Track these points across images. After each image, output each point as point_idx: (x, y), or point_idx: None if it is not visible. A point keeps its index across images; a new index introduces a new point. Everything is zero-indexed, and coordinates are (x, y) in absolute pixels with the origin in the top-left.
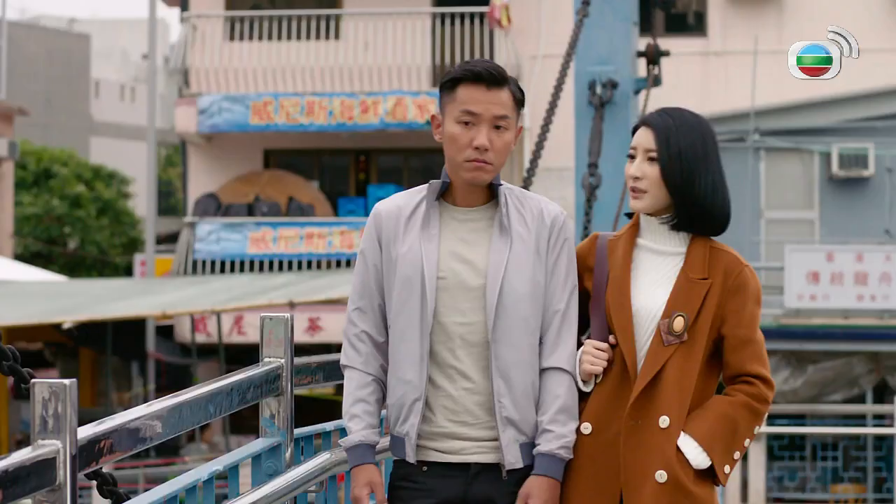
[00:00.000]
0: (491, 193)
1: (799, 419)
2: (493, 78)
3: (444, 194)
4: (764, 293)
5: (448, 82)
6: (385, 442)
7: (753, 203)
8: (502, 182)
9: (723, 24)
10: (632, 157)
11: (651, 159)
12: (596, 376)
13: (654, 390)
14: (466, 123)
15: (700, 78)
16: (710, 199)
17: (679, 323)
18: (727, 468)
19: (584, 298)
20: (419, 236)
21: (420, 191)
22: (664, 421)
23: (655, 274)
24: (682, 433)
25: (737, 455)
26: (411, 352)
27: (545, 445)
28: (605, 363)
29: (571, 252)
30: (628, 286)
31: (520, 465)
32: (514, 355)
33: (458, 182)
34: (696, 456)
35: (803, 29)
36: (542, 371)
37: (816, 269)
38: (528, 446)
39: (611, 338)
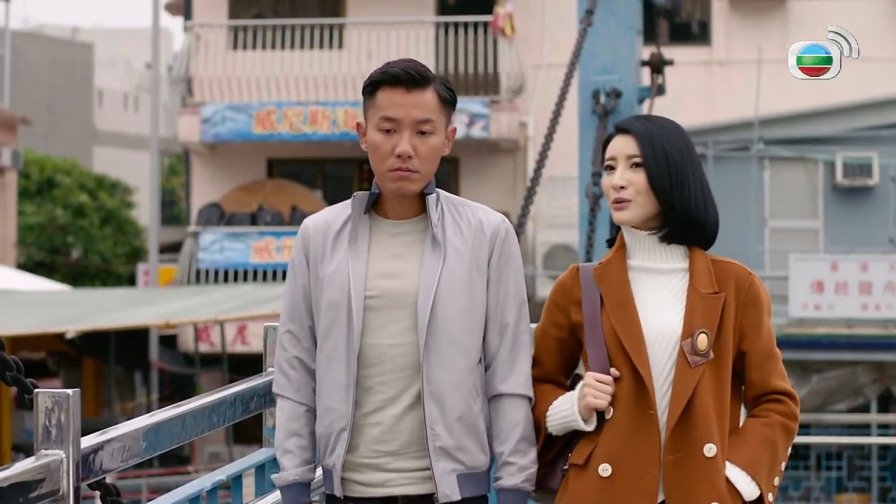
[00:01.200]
0: (425, 204)
1: (803, 428)
2: (412, 79)
3: (376, 207)
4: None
5: (368, 87)
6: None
7: (757, 212)
8: (437, 190)
9: (727, 33)
10: (610, 167)
11: (636, 165)
12: (599, 413)
13: (690, 418)
14: (388, 131)
15: (704, 87)
16: (701, 206)
17: (703, 340)
18: (771, 496)
19: (576, 332)
20: (347, 253)
21: (349, 205)
22: (710, 450)
23: (659, 293)
24: (727, 462)
25: (777, 481)
26: (337, 378)
27: (508, 480)
28: (609, 397)
29: (518, 265)
30: (634, 308)
31: (456, 497)
32: (448, 378)
33: (386, 193)
34: (747, 486)
35: (807, 38)
36: (496, 397)
37: (821, 279)
38: (467, 477)
39: (613, 370)
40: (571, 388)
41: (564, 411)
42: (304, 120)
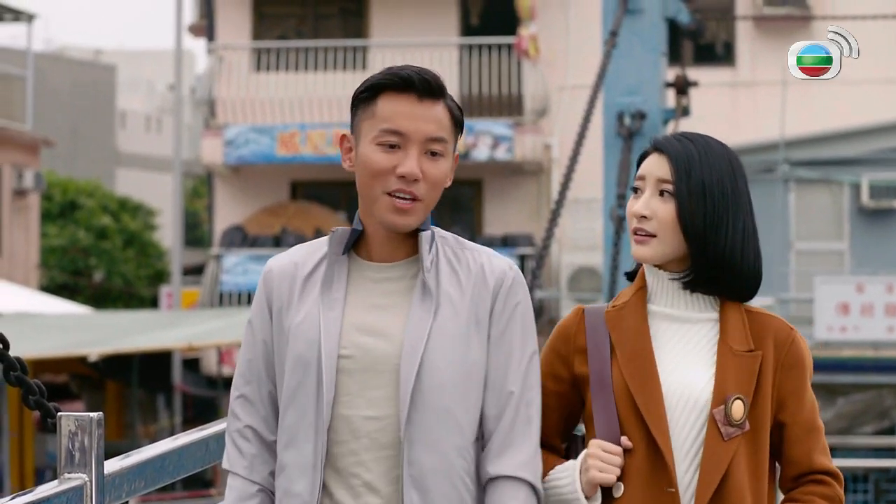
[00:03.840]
0: (417, 243)
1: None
2: (427, 86)
3: (357, 246)
4: (793, 325)
5: (365, 92)
6: None
7: (783, 234)
8: (433, 227)
9: (751, 54)
10: (637, 189)
11: (665, 193)
12: (604, 489)
13: (722, 501)
14: (392, 146)
15: (729, 108)
16: (738, 253)
17: (739, 408)
18: None
19: (579, 387)
20: (318, 302)
21: (326, 242)
22: None
23: (683, 347)
24: None
25: None
26: (303, 455)
27: None
28: (618, 470)
29: (527, 320)
30: (653, 363)
31: None
32: (433, 460)
33: (373, 228)
34: None
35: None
36: (491, 481)
37: (846, 301)
38: None
39: (624, 440)
40: (567, 453)
41: (563, 486)
42: (328, 142)
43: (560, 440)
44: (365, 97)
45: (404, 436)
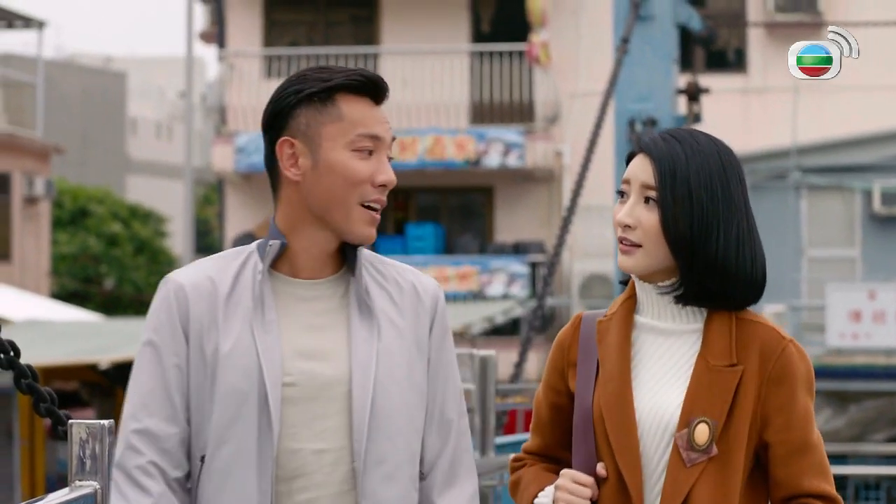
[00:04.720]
0: (341, 259)
1: (841, 459)
2: (385, 90)
3: (275, 262)
4: (805, 332)
5: (322, 92)
6: None
7: (795, 241)
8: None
9: (763, 60)
10: (622, 193)
11: (650, 200)
12: None
13: None
14: (370, 153)
15: (740, 115)
16: (731, 261)
17: (703, 433)
18: None
19: (566, 405)
20: (250, 324)
21: (236, 256)
22: None
23: (665, 363)
24: None
25: None
26: (244, 497)
27: None
28: (587, 502)
29: (453, 344)
30: (629, 386)
31: None
32: (391, 492)
33: (306, 243)
34: None
35: (844, 65)
36: None
37: (858, 308)
38: None
39: (599, 467)
40: None
41: None
42: None
43: (567, 452)
44: (322, 97)
45: (361, 467)
